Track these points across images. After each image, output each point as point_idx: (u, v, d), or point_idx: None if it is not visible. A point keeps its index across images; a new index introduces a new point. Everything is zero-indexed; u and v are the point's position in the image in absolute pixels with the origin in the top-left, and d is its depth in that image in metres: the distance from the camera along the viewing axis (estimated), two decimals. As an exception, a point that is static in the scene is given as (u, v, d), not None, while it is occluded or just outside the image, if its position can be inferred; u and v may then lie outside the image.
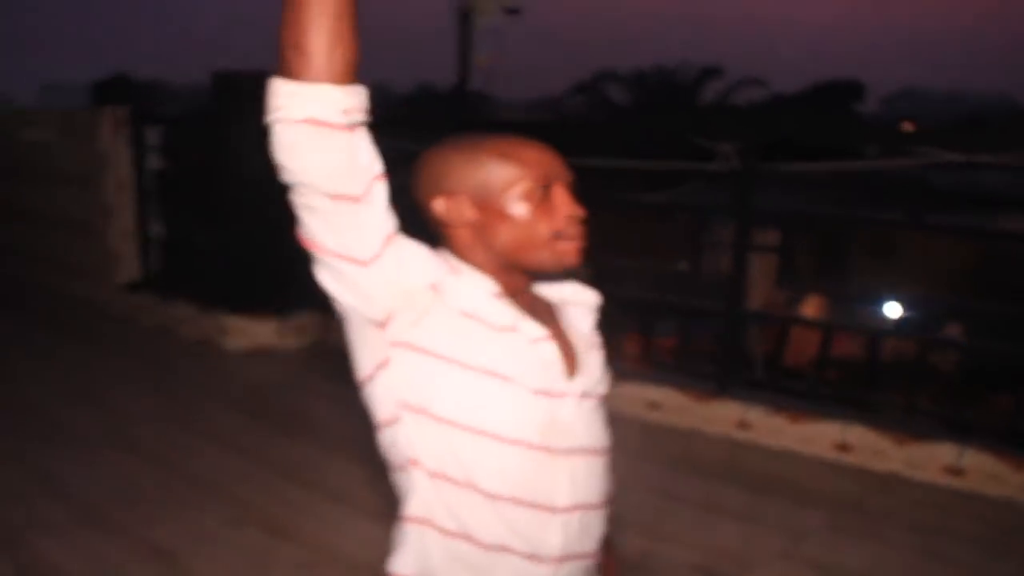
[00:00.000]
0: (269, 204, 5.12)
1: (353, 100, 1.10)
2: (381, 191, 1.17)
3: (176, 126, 6.39)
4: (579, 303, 1.40)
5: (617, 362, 4.32)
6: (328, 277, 1.20)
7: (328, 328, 5.48)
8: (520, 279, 1.30)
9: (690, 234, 4.02)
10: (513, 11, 9.76)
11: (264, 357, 5.29)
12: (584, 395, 1.31)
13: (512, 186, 1.24)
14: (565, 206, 1.25)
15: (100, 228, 6.35)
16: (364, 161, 1.14)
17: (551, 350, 1.27)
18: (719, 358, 4.19)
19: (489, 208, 1.25)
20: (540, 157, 1.25)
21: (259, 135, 4.50)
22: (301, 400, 4.60)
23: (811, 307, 12.07)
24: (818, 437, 3.85)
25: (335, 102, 1.08)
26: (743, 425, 4.00)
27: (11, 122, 7.47)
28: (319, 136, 1.09)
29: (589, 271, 1.35)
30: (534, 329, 1.26)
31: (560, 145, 1.33)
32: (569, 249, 1.26)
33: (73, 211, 6.65)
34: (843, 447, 3.78)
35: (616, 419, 1.43)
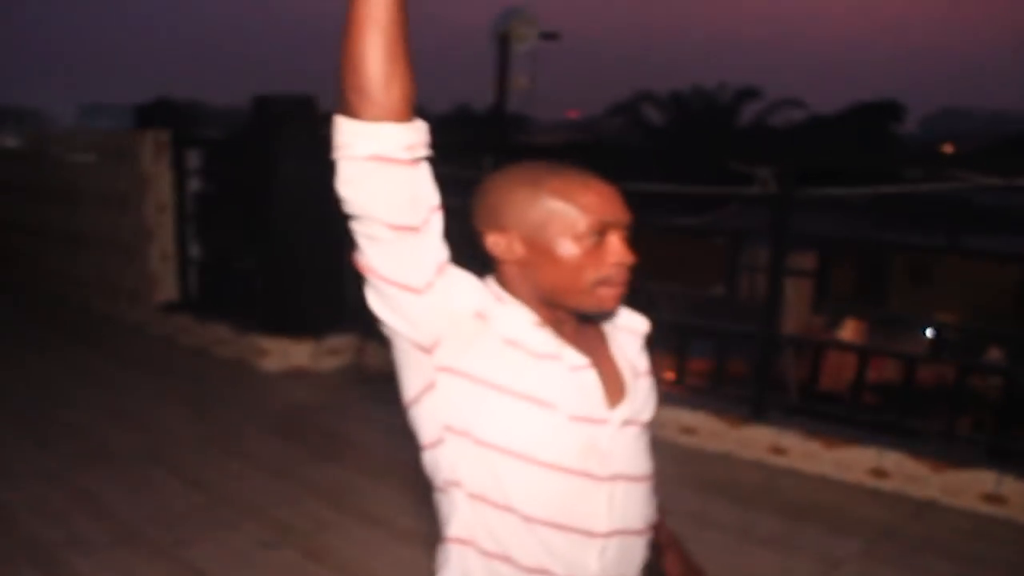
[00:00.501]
0: (306, 227, 5.26)
1: (415, 136, 1.14)
2: (438, 221, 1.20)
3: (216, 149, 6.49)
4: (628, 329, 1.42)
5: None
6: (379, 302, 1.23)
7: (363, 350, 5.53)
8: (565, 312, 1.31)
9: (726, 258, 4.00)
10: (550, 36, 9.83)
11: (300, 378, 5.34)
12: (626, 422, 1.33)
13: (567, 230, 1.24)
14: (616, 254, 1.26)
15: (140, 249, 6.45)
16: (424, 193, 1.17)
17: (592, 377, 1.29)
18: (754, 382, 4.17)
19: (540, 248, 1.26)
20: (600, 201, 1.25)
21: (298, 158, 4.62)
22: (337, 422, 4.63)
23: (849, 330, 11.94)
24: (854, 463, 3.81)
25: (397, 139, 1.12)
26: (778, 450, 3.97)
27: (53, 143, 7.63)
28: (383, 171, 1.12)
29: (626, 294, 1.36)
30: (575, 357, 1.28)
31: (598, 166, 1.34)
32: (610, 295, 1.27)
33: (114, 232, 6.77)
34: (879, 473, 3.74)
35: (650, 443, 1.43)
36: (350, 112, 1.11)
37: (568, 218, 1.24)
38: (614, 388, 1.33)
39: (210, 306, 6.15)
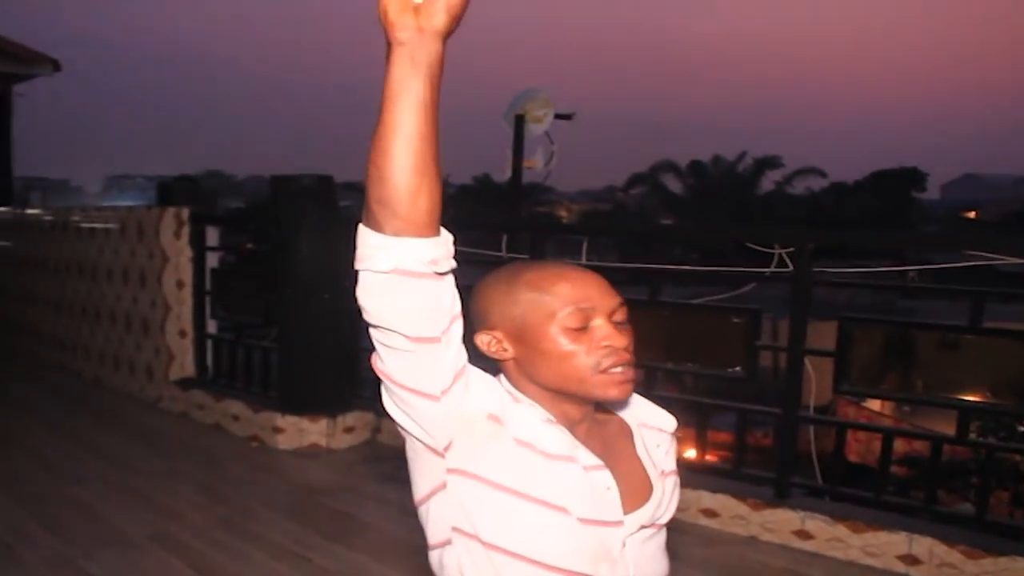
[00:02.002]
0: (321, 306, 5.24)
1: (439, 250, 1.11)
2: (458, 329, 1.18)
3: (235, 226, 6.53)
4: (655, 427, 1.40)
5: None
6: (394, 406, 1.22)
7: (377, 429, 5.49)
8: (577, 406, 1.29)
9: (745, 336, 3.94)
10: (565, 117, 9.98)
11: (314, 457, 5.27)
12: (644, 525, 1.30)
13: (546, 320, 1.23)
14: (603, 338, 1.24)
15: (158, 325, 6.46)
16: (446, 304, 1.15)
17: (606, 478, 1.26)
18: (776, 463, 4.06)
19: (526, 342, 1.26)
20: (577, 289, 1.25)
21: (313, 238, 4.61)
22: (350, 502, 4.55)
23: (878, 402, 11.75)
24: (883, 548, 3.68)
25: (421, 254, 1.09)
26: (803, 534, 3.85)
27: (76, 217, 7.71)
28: (405, 285, 1.10)
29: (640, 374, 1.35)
30: (588, 457, 1.25)
31: (618, 236, 1.34)
32: (612, 382, 1.24)
33: (132, 307, 6.79)
34: (911, 560, 3.61)
35: (670, 526, 1.39)
36: (374, 223, 1.09)
37: (545, 308, 1.24)
38: (636, 489, 1.30)
39: (226, 382, 6.11)
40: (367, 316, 1.15)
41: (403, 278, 1.09)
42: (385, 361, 1.17)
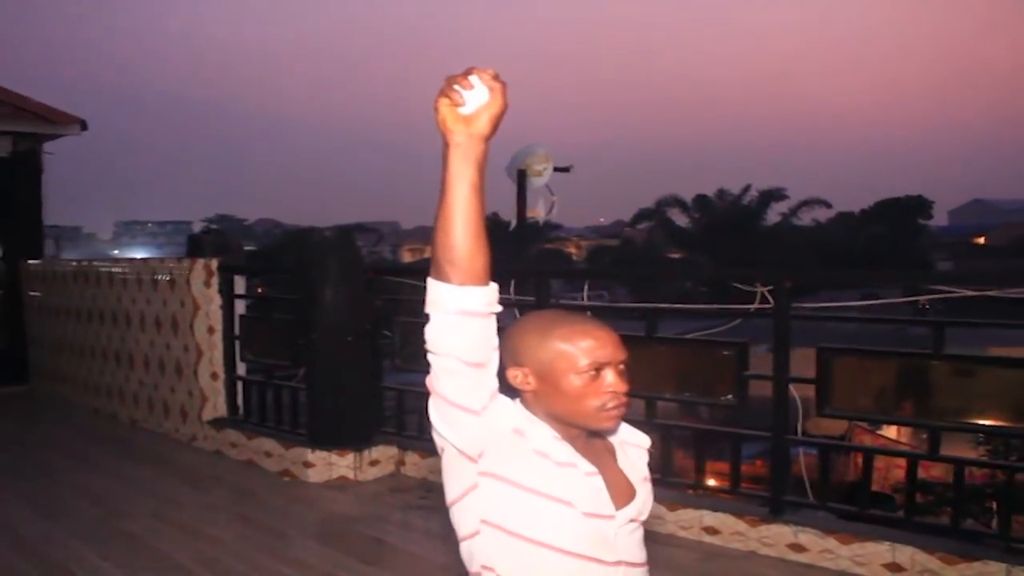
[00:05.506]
0: (345, 347, 5.63)
1: (492, 295, 1.53)
2: (496, 358, 1.57)
3: (263, 276, 6.94)
4: (634, 444, 1.78)
5: (674, 489, 4.57)
6: (441, 420, 1.59)
7: (401, 462, 5.83)
8: (577, 429, 1.66)
9: (735, 367, 4.31)
10: (563, 170, 10.51)
11: (343, 489, 5.62)
12: (631, 520, 1.67)
13: (570, 368, 1.60)
14: (612, 386, 1.61)
15: (191, 368, 6.85)
16: (492, 338, 1.55)
17: (599, 482, 1.62)
18: (770, 482, 4.40)
19: (549, 381, 1.62)
20: (596, 345, 1.61)
21: (336, 285, 5.12)
22: (378, 529, 4.89)
23: (894, 430, 11.61)
24: (869, 558, 3.99)
25: (480, 298, 1.51)
26: (797, 547, 4.17)
27: (108, 268, 8.14)
28: (466, 322, 1.51)
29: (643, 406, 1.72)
30: (587, 465, 1.62)
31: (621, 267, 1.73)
32: (609, 416, 1.63)
33: (166, 353, 7.18)
34: (895, 567, 3.91)
35: (676, 543, 1.78)
36: (442, 277, 1.50)
37: (571, 358, 1.60)
38: (621, 491, 1.67)
39: (257, 421, 6.49)
40: (431, 346, 1.54)
41: (465, 317, 1.50)
42: (441, 382, 1.55)
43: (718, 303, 5.39)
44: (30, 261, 9.70)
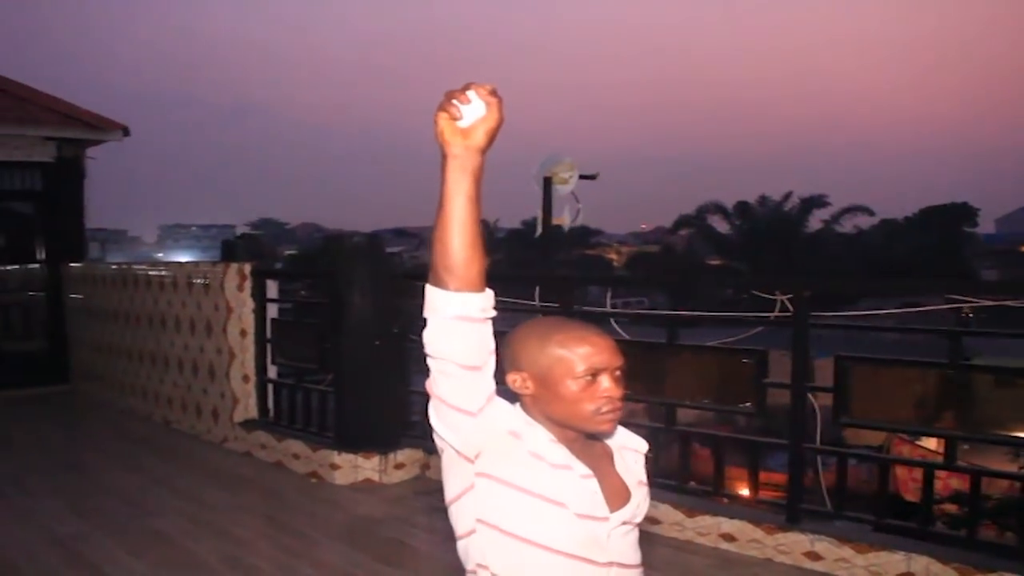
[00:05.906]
0: (372, 352, 5.73)
1: (487, 301, 1.59)
2: (493, 362, 1.63)
3: (294, 280, 7.06)
4: (630, 449, 1.82)
5: (692, 495, 4.60)
6: (439, 421, 1.65)
7: (426, 465, 5.91)
8: (574, 433, 1.71)
9: (754, 375, 4.33)
10: (589, 177, 10.55)
11: (369, 491, 5.71)
12: (624, 523, 1.71)
13: (567, 373, 1.65)
14: (607, 391, 1.66)
15: (223, 371, 6.99)
16: (487, 342, 1.61)
17: (594, 484, 1.67)
18: (788, 490, 4.42)
19: (547, 385, 1.68)
20: (593, 351, 1.66)
21: (364, 291, 5.24)
22: (402, 531, 4.97)
23: (933, 441, 11.35)
24: (884, 568, 4.00)
25: (476, 304, 1.57)
26: (812, 556, 4.19)
27: (145, 271, 8.32)
28: (463, 327, 1.57)
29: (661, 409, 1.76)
30: (582, 468, 1.67)
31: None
32: (605, 420, 1.67)
33: (200, 355, 7.34)
34: (910, 577, 3.92)
35: (693, 549, 1.81)
36: (440, 284, 1.56)
37: (568, 364, 1.65)
38: (616, 494, 1.71)
39: (286, 424, 6.61)
40: (430, 350, 1.60)
41: (462, 322, 1.56)
42: (439, 385, 1.61)
43: (755, 311, 5.41)
44: (71, 264, 9.93)
